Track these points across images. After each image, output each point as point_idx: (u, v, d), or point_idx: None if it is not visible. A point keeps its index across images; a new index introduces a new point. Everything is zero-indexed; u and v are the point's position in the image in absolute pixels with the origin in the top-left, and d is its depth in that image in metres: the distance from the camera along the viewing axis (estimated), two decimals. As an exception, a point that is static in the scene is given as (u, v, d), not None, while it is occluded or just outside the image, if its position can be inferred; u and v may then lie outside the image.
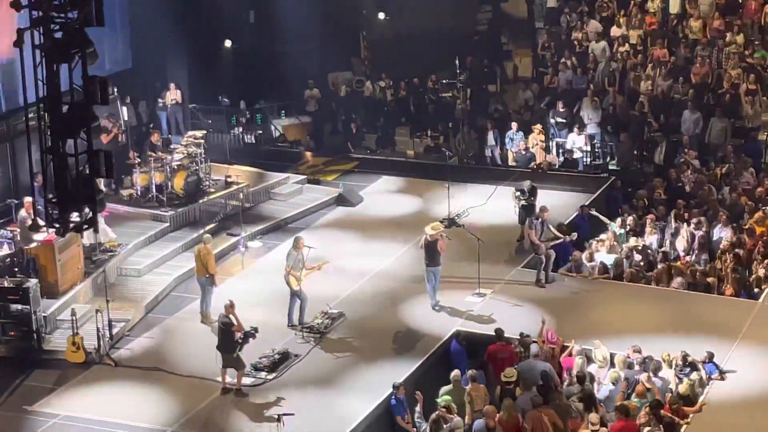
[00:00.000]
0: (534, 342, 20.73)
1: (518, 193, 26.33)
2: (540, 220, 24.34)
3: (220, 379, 20.73)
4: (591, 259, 24.64)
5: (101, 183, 19.78)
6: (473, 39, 37.18)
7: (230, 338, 20.45)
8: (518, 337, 21.08)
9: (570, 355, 20.44)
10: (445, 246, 23.26)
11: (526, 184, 26.38)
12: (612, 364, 20.06)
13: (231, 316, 20.61)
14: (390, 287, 24.47)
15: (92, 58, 18.24)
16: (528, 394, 19.05)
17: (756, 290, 23.37)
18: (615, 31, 34.23)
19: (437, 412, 18.74)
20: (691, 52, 32.86)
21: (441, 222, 25.13)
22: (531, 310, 22.96)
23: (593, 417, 18.07)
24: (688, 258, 24.72)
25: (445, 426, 18.47)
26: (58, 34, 18.12)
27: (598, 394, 19.27)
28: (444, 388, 19.61)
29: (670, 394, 18.98)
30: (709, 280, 23.50)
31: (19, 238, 23.66)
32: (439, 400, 19.18)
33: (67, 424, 19.78)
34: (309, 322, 22.56)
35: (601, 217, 26.89)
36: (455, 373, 19.88)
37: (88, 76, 18.16)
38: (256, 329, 20.73)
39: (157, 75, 31.97)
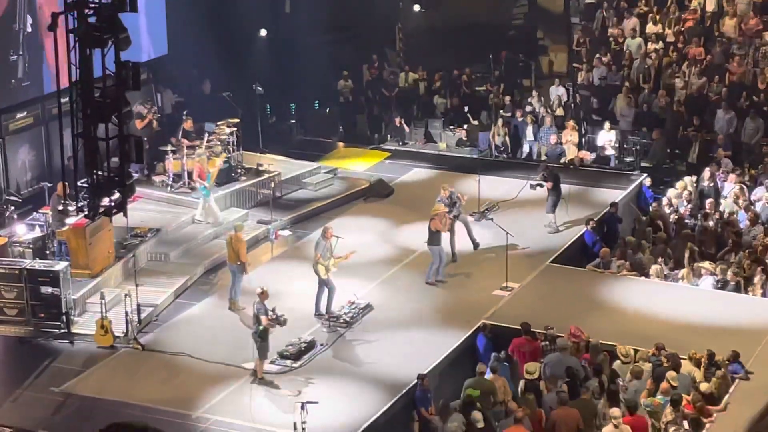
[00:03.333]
0: (560, 336, 20.74)
1: (539, 178, 26.59)
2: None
3: (251, 366, 20.86)
4: (622, 256, 24.57)
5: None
6: (509, 33, 37.12)
7: (260, 325, 20.57)
8: (544, 331, 21.09)
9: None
10: (439, 225, 23.54)
11: (542, 168, 26.92)
12: (636, 360, 20.05)
13: (265, 303, 20.73)
14: (416, 280, 24.49)
15: (125, 44, 18.44)
16: (554, 390, 19.07)
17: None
18: (651, 28, 34.09)
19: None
20: (728, 50, 32.70)
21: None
22: (558, 305, 22.98)
23: (615, 411, 18.07)
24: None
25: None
26: (92, 19, 18.29)
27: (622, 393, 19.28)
28: (469, 381, 19.66)
29: (693, 392, 18.97)
30: (738, 279, 23.42)
31: (51, 221, 23.86)
32: (465, 392, 19.25)
33: (94, 406, 19.92)
34: (336, 311, 22.64)
35: (636, 209, 26.94)
36: (481, 365, 19.92)
37: (120, 61, 18.34)
38: (284, 319, 20.81)
39: (193, 62, 32.08)
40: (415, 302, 23.54)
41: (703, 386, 19.03)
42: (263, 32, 33.43)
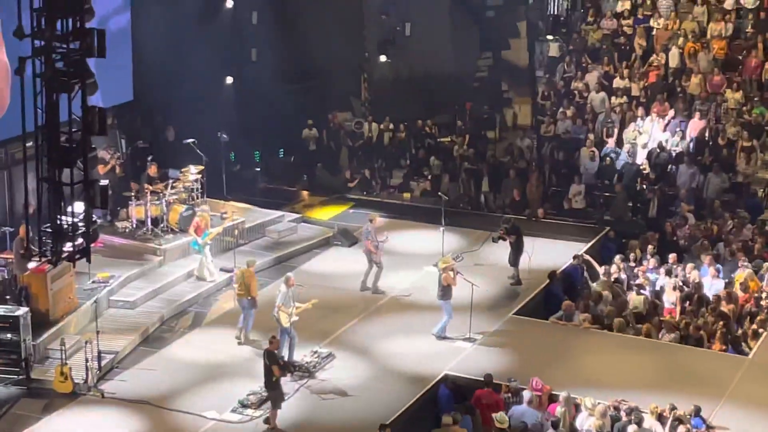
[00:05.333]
0: (523, 388, 20.72)
1: (501, 231, 26.72)
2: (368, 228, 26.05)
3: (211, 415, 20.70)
4: (584, 309, 24.60)
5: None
6: (473, 85, 37.35)
7: (271, 376, 20.55)
8: (506, 383, 21.08)
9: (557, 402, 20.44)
10: (451, 280, 23.55)
11: (504, 221, 27.05)
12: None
13: (276, 351, 20.79)
14: (380, 329, 24.47)
15: (92, 89, 18.42)
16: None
17: (744, 346, 23.37)
18: (617, 83, 34.38)
19: None
20: (690, 106, 33.01)
21: (453, 258, 25.38)
22: (521, 356, 22.97)
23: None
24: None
25: None
26: (59, 64, 18.26)
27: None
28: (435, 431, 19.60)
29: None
30: (701, 333, 23.49)
31: (13, 266, 23.68)
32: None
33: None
34: (298, 360, 22.54)
35: (594, 263, 27.03)
36: (446, 416, 19.84)
37: (87, 106, 18.29)
38: (296, 366, 21.51)
39: (158, 109, 32.06)
40: (377, 352, 23.46)
41: (668, 441, 19.06)
42: (229, 80, 33.46)
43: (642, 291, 25.22)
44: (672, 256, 26.69)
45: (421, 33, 35.73)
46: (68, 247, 19.24)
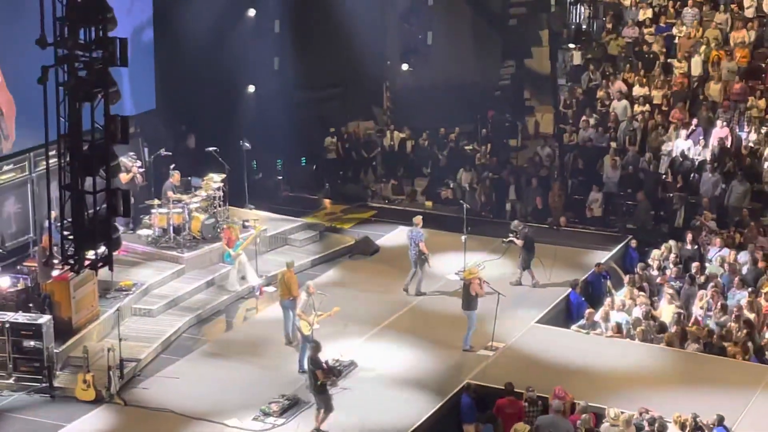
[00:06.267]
0: (542, 396, 20.68)
1: (511, 235, 27.02)
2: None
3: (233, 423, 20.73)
4: (607, 318, 24.53)
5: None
6: (495, 93, 37.32)
7: (316, 380, 20.61)
8: (525, 392, 21.06)
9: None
10: (479, 290, 23.52)
11: (515, 224, 27.29)
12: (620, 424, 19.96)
13: (318, 356, 20.81)
14: (401, 337, 24.46)
15: (115, 98, 18.45)
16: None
17: (767, 354, 23.29)
18: (638, 91, 34.30)
19: None
20: (713, 114, 32.91)
21: (477, 266, 25.30)
22: (543, 365, 22.94)
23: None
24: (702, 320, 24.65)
25: None
26: (82, 73, 18.32)
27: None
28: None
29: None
30: (724, 344, 23.40)
31: (36, 274, 23.76)
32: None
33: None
34: (335, 363, 22.56)
35: (619, 270, 27.02)
36: (467, 427, 19.79)
37: (109, 115, 18.34)
38: (339, 369, 21.82)
39: (181, 117, 32.14)
40: (399, 360, 23.45)
41: (693, 449, 18.99)
42: (251, 88, 33.51)
43: (673, 301, 25.10)
44: (695, 265, 26.60)
45: (444, 41, 35.77)
46: (91, 255, 19.27)
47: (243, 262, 26.63)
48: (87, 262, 19.25)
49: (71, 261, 19.07)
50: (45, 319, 22.34)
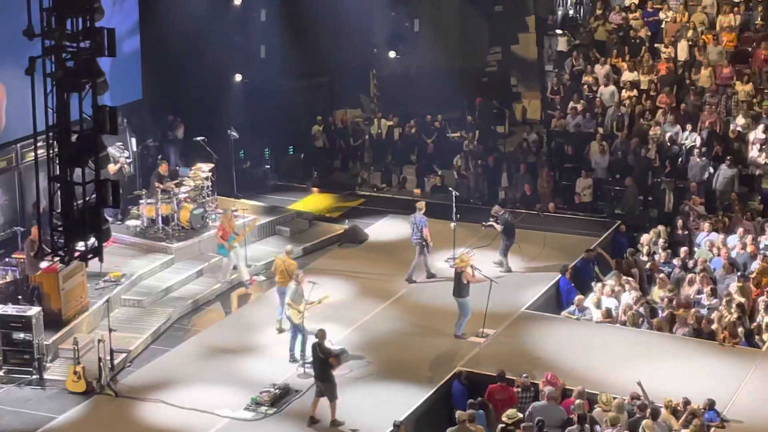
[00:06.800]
0: (535, 383, 20.72)
1: (491, 220, 27.10)
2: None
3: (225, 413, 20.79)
4: (597, 304, 24.56)
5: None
6: (482, 80, 37.31)
7: (327, 367, 20.55)
8: (518, 378, 21.08)
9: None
10: (470, 277, 23.53)
11: (495, 209, 27.35)
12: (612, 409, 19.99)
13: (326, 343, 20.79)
14: (392, 325, 24.47)
15: (103, 88, 18.38)
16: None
17: (757, 338, 23.32)
18: (626, 76, 34.31)
19: None
20: (700, 99, 32.94)
21: (467, 253, 25.25)
22: (534, 352, 22.95)
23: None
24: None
25: None
26: (70, 64, 18.24)
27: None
28: (450, 429, 19.52)
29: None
30: (713, 327, 23.45)
31: (24, 266, 23.70)
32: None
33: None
34: (310, 357, 22.51)
35: (606, 256, 27.06)
36: (460, 413, 19.80)
37: (98, 105, 18.27)
38: (344, 356, 21.54)
39: (167, 107, 32.06)
40: (390, 348, 23.45)
41: (685, 433, 19.04)
42: (238, 77, 33.44)
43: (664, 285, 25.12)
44: (683, 250, 26.65)
45: (430, 29, 35.73)
46: (80, 246, 19.22)
47: (237, 254, 26.53)
48: (76, 254, 19.19)
49: (61, 252, 19.01)
50: (34, 310, 22.31)
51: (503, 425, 19.44)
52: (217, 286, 26.32)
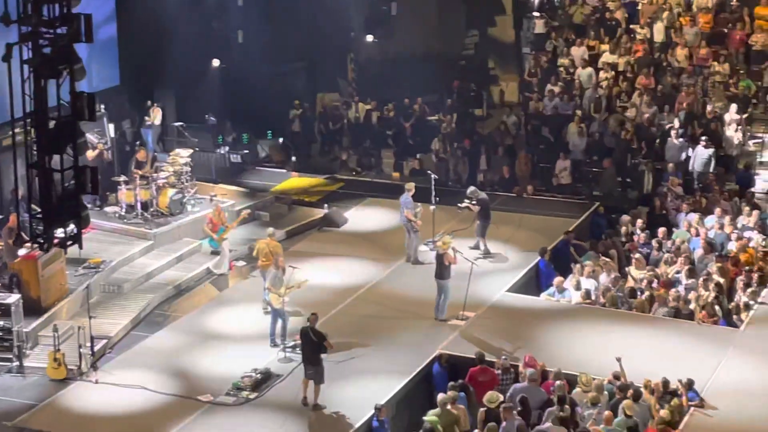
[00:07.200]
0: (514, 364, 20.80)
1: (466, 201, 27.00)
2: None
3: (206, 398, 20.82)
4: (576, 286, 24.64)
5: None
6: (460, 63, 37.32)
7: (318, 350, 20.56)
8: (498, 360, 21.16)
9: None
10: (452, 260, 23.55)
11: (471, 190, 27.22)
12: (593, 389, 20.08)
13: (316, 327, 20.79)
14: (373, 308, 24.50)
15: (80, 75, 18.35)
16: (512, 419, 18.96)
17: (735, 318, 23.45)
18: (606, 57, 34.34)
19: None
20: (677, 80, 33.03)
21: (449, 235, 25.22)
22: (514, 334, 23.01)
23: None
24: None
25: None
26: (47, 50, 18.20)
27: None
28: (431, 411, 19.59)
29: (651, 420, 19.04)
30: (692, 307, 23.56)
31: (3, 253, 23.64)
32: (426, 418, 19.22)
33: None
34: (291, 341, 22.54)
35: (582, 243, 27.14)
36: (442, 396, 19.85)
37: (75, 92, 18.23)
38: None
39: (144, 92, 31.98)
40: (370, 331, 23.48)
41: (663, 413, 19.09)
42: (216, 62, 33.37)
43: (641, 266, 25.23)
44: (661, 230, 26.75)
45: (408, 12, 35.70)
46: (59, 233, 19.19)
47: (224, 246, 26.46)
48: (56, 240, 19.17)
49: (40, 239, 18.98)
50: (14, 298, 22.26)
51: (485, 408, 19.51)
52: (196, 271, 26.23)
